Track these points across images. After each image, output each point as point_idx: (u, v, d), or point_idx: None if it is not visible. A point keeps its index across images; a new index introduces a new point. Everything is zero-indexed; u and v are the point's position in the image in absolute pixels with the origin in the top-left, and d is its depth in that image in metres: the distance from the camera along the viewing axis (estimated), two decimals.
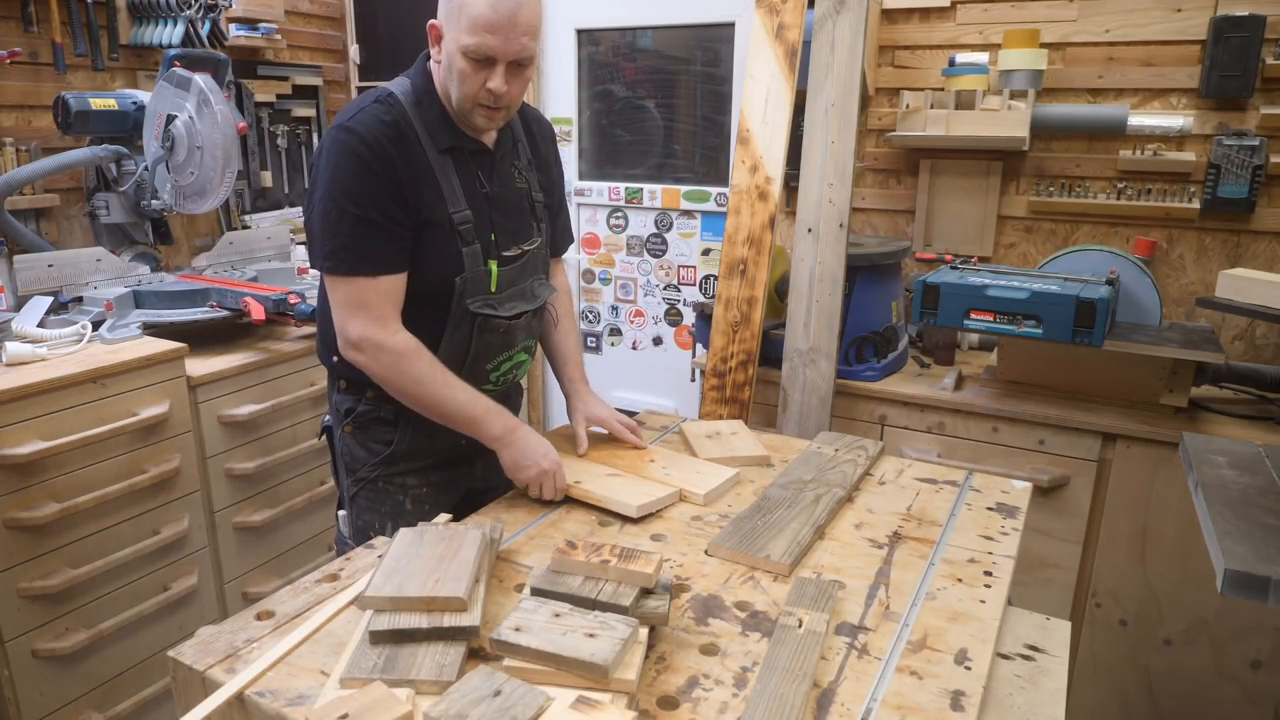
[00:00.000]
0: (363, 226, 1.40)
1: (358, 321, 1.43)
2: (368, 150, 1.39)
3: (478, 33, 1.36)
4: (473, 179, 1.52)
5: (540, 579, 1.12)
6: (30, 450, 1.85)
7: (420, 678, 0.97)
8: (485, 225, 1.52)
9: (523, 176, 1.62)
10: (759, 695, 0.97)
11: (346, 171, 1.40)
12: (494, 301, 1.54)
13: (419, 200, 1.44)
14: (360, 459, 1.61)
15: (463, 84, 1.41)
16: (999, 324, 2.15)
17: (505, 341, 1.58)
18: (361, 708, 0.91)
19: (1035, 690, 1.09)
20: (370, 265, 1.42)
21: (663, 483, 1.53)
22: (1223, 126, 2.45)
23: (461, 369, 1.53)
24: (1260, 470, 1.60)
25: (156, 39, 2.77)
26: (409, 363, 1.44)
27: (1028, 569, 2.26)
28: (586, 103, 3.49)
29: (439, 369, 1.46)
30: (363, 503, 1.62)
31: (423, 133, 1.46)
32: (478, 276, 1.51)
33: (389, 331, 1.44)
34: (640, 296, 3.53)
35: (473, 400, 1.48)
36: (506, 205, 1.57)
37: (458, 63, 1.39)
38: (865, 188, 2.95)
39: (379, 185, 1.41)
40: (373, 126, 1.41)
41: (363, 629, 1.07)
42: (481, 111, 1.45)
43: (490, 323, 1.53)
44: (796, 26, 2.38)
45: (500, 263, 1.54)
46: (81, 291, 2.35)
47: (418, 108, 1.47)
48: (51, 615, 1.96)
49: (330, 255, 1.43)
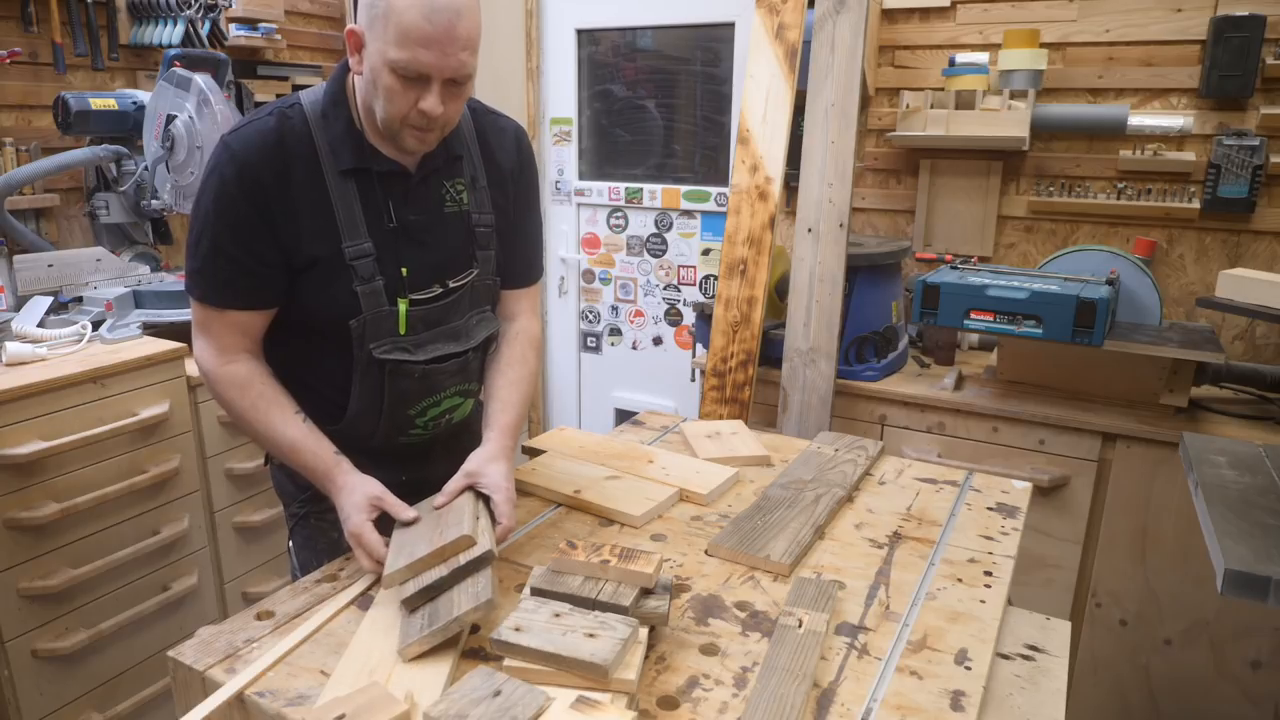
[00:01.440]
0: (218, 257, 1.26)
1: (199, 344, 1.32)
2: (235, 174, 1.23)
3: (409, 47, 1.15)
4: (380, 206, 1.30)
5: (540, 579, 1.12)
6: (30, 450, 1.85)
7: (464, 611, 1.04)
8: (391, 259, 1.31)
9: (457, 199, 1.38)
10: (759, 695, 0.97)
11: (211, 194, 1.25)
12: (406, 345, 1.34)
13: (299, 232, 1.26)
14: (289, 493, 1.49)
15: (390, 103, 1.20)
16: (999, 324, 2.15)
17: (425, 387, 1.38)
18: (359, 708, 0.92)
19: (1035, 690, 1.09)
20: (219, 298, 1.28)
21: (662, 483, 1.53)
22: (1223, 126, 2.45)
23: (379, 414, 1.38)
24: (1260, 470, 1.60)
25: (156, 39, 2.77)
26: (233, 396, 1.30)
27: (1028, 569, 2.26)
28: (586, 103, 3.50)
29: (266, 407, 1.29)
30: (299, 539, 1.49)
31: (325, 151, 1.27)
32: (379, 318, 1.31)
33: (222, 360, 1.30)
34: (640, 296, 3.53)
35: (295, 449, 1.28)
36: (426, 234, 1.35)
37: (384, 79, 1.18)
38: (865, 188, 2.95)
39: (241, 217, 1.24)
40: (252, 146, 1.24)
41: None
42: (411, 133, 1.24)
43: (402, 368, 1.34)
44: (796, 26, 2.39)
45: (413, 303, 1.34)
46: (81, 291, 2.35)
47: (322, 120, 1.28)
48: (51, 615, 1.96)
49: (189, 275, 1.30)
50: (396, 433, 1.41)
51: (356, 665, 1.03)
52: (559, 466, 1.59)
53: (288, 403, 1.32)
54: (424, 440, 1.47)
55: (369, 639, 1.08)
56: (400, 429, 1.41)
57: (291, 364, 1.36)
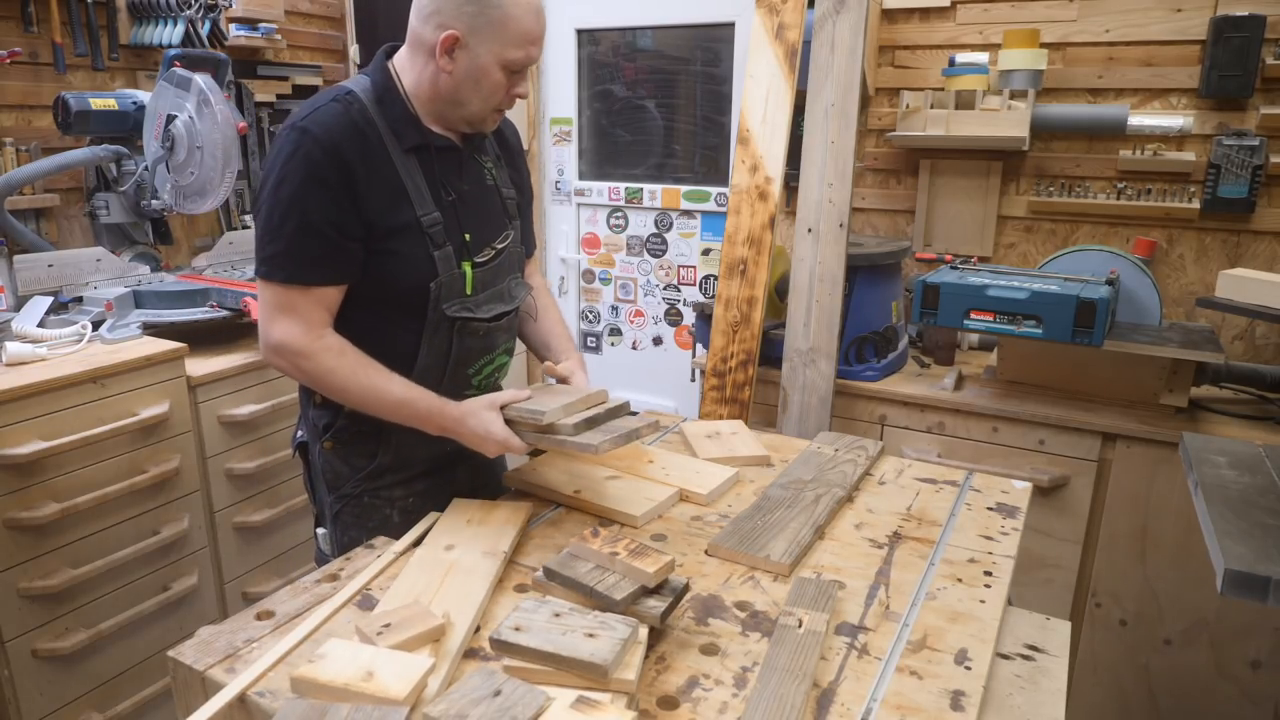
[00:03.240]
0: (305, 234, 1.34)
1: (280, 326, 1.37)
2: (320, 152, 1.32)
3: (524, 47, 1.36)
4: (440, 179, 1.45)
5: (555, 561, 1.15)
6: (30, 450, 1.85)
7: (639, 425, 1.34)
8: (455, 227, 1.46)
9: (491, 173, 1.57)
10: (759, 695, 0.97)
11: (295, 174, 1.32)
12: (470, 304, 1.48)
13: (379, 205, 1.37)
14: (343, 475, 1.55)
15: (494, 94, 1.39)
16: (999, 324, 2.15)
17: (485, 345, 1.54)
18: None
19: (1035, 690, 1.09)
20: (309, 275, 1.36)
21: (663, 483, 1.53)
22: (1223, 126, 2.45)
23: (443, 375, 1.49)
24: (1260, 470, 1.60)
25: (156, 39, 2.77)
26: (332, 364, 1.38)
27: (1028, 569, 2.26)
28: (586, 103, 3.50)
29: (365, 367, 1.39)
30: (347, 519, 1.57)
31: (386, 132, 1.39)
32: (452, 280, 1.45)
33: (313, 336, 1.38)
34: (640, 296, 3.53)
35: (406, 400, 1.39)
36: (477, 204, 1.51)
37: (494, 76, 1.37)
38: (865, 188, 2.95)
39: (329, 191, 1.33)
40: (329, 126, 1.34)
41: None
42: (494, 116, 1.46)
43: (469, 326, 1.48)
44: (796, 26, 2.39)
45: (475, 265, 1.48)
46: (81, 291, 2.35)
47: (380, 105, 1.40)
48: (51, 615, 1.96)
49: (268, 260, 1.36)
50: (453, 394, 1.47)
51: (404, 589, 1.16)
52: (559, 466, 1.59)
53: (380, 364, 1.40)
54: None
55: (415, 573, 1.20)
56: (458, 390, 1.51)
57: (355, 338, 1.43)
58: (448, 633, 1.06)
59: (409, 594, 1.14)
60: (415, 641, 1.02)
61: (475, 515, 1.38)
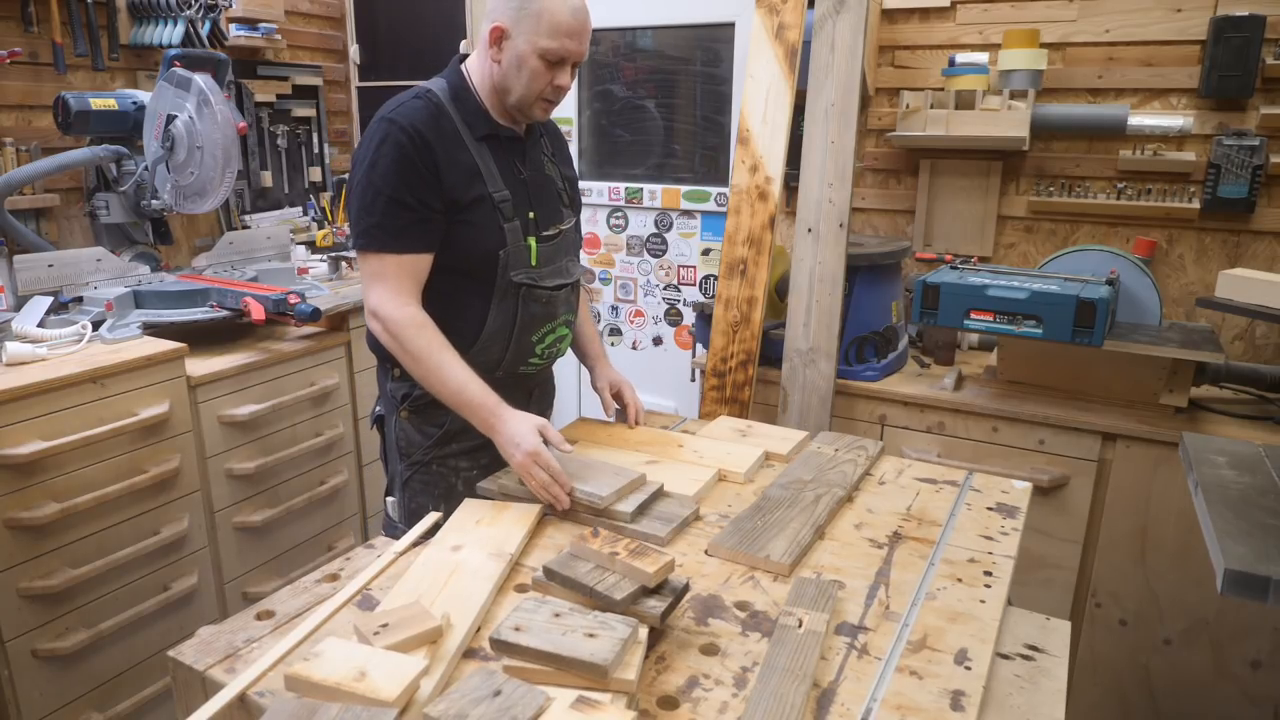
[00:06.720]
0: (394, 207, 1.51)
1: (375, 292, 1.55)
2: (405, 137, 1.51)
3: (558, 38, 1.51)
4: (509, 164, 1.64)
5: (555, 560, 1.15)
6: (30, 450, 1.85)
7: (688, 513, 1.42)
8: (523, 204, 1.65)
9: (550, 162, 1.77)
10: (759, 695, 0.97)
11: (384, 157, 1.51)
12: (535, 275, 1.66)
13: (456, 181, 1.55)
14: (415, 443, 1.71)
15: (534, 81, 1.55)
16: (999, 324, 2.15)
17: (548, 312, 1.70)
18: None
19: (1035, 690, 1.09)
20: (399, 244, 1.54)
21: (701, 465, 1.62)
22: (1223, 126, 2.45)
23: (509, 341, 1.66)
24: (1260, 470, 1.60)
25: (156, 39, 2.77)
26: (410, 334, 1.53)
27: (1028, 569, 2.26)
28: (586, 103, 3.49)
29: (440, 347, 1.53)
30: (417, 485, 1.72)
31: (460, 123, 1.58)
32: (519, 250, 1.63)
33: (399, 304, 1.53)
34: (640, 296, 3.53)
35: (466, 384, 1.51)
36: (540, 189, 1.70)
37: (531, 63, 1.53)
38: (865, 188, 2.95)
39: (414, 170, 1.51)
40: (412, 116, 1.53)
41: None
42: (541, 105, 1.60)
43: (534, 293, 1.65)
44: (796, 26, 2.38)
45: (539, 240, 1.66)
46: (81, 291, 2.35)
47: (455, 102, 1.60)
48: (51, 615, 1.96)
49: (364, 233, 1.54)
50: (519, 361, 1.70)
51: (408, 589, 1.17)
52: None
53: (452, 348, 1.55)
54: (533, 375, 1.77)
55: (420, 573, 1.21)
56: (523, 356, 1.70)
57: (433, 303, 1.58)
58: (446, 634, 1.06)
59: (412, 594, 1.15)
60: (412, 642, 1.03)
61: (485, 516, 1.39)
